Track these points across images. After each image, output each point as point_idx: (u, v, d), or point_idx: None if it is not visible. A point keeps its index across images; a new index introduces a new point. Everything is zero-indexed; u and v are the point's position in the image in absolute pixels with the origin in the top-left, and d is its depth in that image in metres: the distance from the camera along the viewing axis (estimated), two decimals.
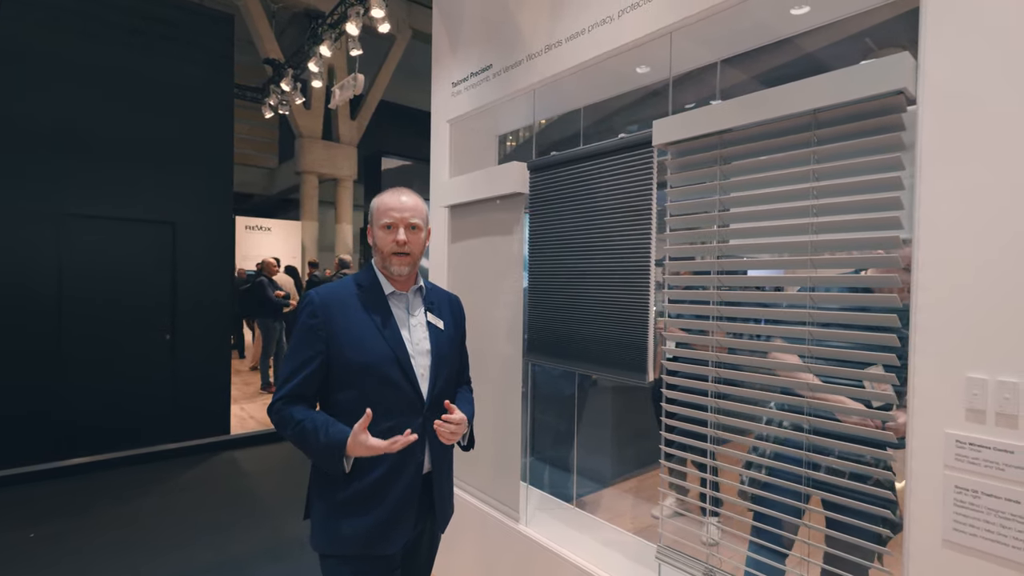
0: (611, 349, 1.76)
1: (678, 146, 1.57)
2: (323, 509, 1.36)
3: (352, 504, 1.33)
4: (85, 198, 4.12)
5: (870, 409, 1.24)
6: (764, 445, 1.49)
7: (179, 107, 4.54)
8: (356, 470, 1.33)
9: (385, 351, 1.36)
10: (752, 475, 1.46)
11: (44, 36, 3.96)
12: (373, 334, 1.36)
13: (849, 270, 1.50)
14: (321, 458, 1.30)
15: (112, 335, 4.23)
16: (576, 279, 1.90)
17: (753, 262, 1.51)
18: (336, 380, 1.36)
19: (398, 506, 1.36)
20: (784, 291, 1.46)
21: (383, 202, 1.42)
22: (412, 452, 1.37)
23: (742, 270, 1.51)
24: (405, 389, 1.37)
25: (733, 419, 1.48)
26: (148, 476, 4.06)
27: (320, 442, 1.27)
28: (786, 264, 1.37)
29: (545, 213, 2.05)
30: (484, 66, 2.39)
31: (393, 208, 1.40)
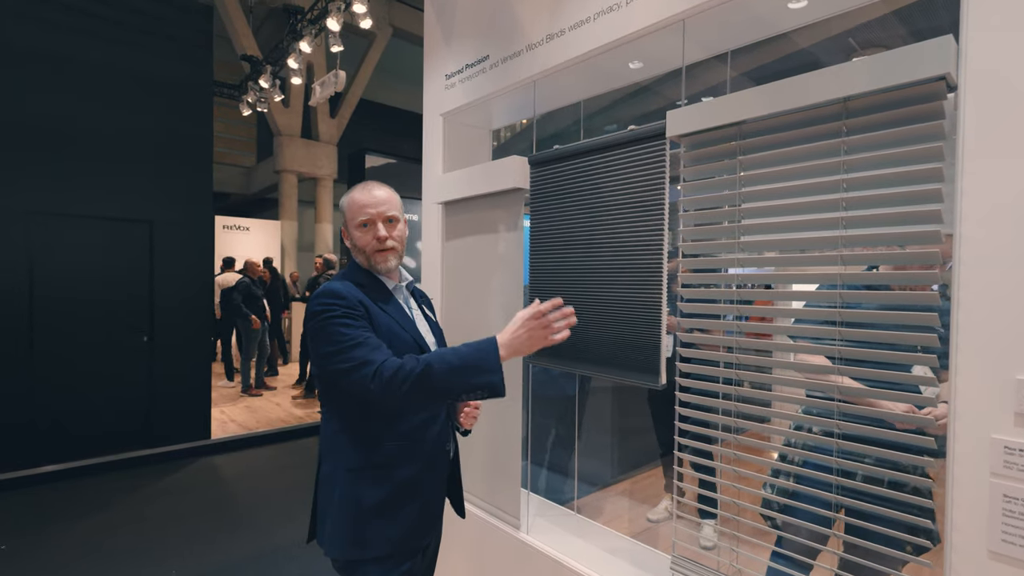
0: (620, 350, 1.69)
1: (693, 138, 1.50)
2: (355, 515, 1.27)
3: (395, 501, 1.29)
4: (57, 195, 3.90)
5: (908, 414, 1.19)
6: (791, 452, 1.43)
7: (156, 101, 4.35)
8: (396, 465, 1.29)
9: (411, 343, 1.33)
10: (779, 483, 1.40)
11: (13, 26, 3.74)
12: (397, 327, 1.33)
13: (863, 267, 1.45)
14: (473, 371, 1.15)
15: (87, 337, 4.03)
16: (581, 278, 1.82)
17: (774, 259, 1.45)
18: None
19: (434, 495, 1.39)
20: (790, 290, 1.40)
21: (355, 200, 1.36)
22: (443, 441, 1.40)
23: (763, 267, 1.45)
24: None
25: (753, 423, 1.42)
26: (125, 483, 3.87)
27: (465, 354, 1.16)
28: (812, 261, 1.31)
29: (547, 209, 1.97)
30: (480, 57, 2.30)
31: (367, 204, 1.34)
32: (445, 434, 1.41)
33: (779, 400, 1.47)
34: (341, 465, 1.30)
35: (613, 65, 1.90)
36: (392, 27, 11.26)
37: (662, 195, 1.58)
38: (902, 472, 1.18)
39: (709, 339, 1.51)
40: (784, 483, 1.41)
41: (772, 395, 1.40)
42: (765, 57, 4.12)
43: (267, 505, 3.58)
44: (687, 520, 1.66)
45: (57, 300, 3.89)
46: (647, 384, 1.61)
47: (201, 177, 4.60)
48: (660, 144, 1.58)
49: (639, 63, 1.91)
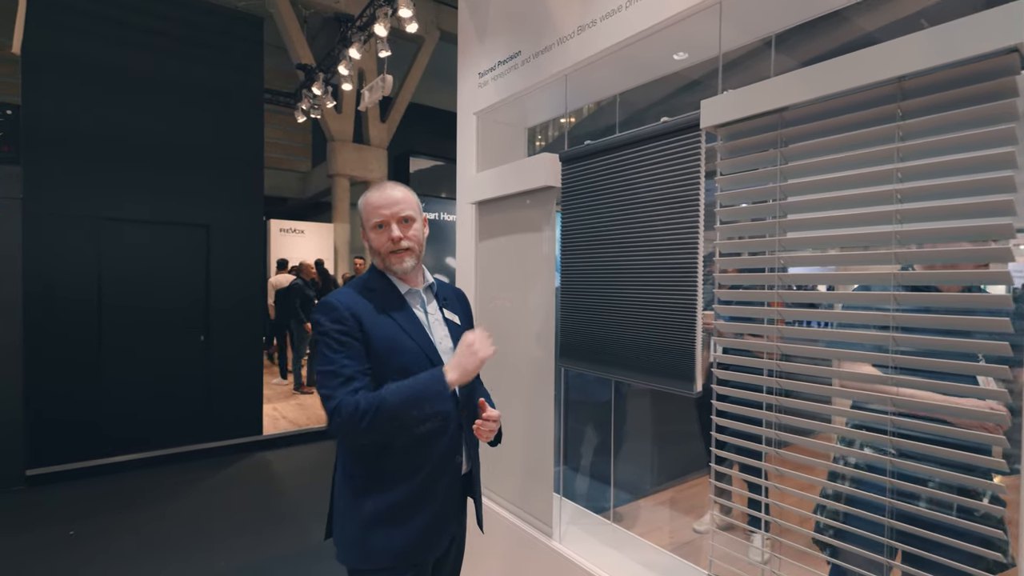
0: (653, 355, 1.60)
1: (730, 128, 1.40)
2: (361, 523, 1.27)
3: (397, 512, 1.27)
4: (121, 201, 4.16)
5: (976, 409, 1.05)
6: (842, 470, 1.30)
7: (210, 110, 4.57)
8: (398, 476, 1.27)
9: (416, 352, 1.31)
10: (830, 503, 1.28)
11: (78, 43, 4.03)
12: (401, 336, 1.31)
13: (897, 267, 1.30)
14: (422, 404, 1.19)
15: (149, 336, 4.28)
16: (613, 278, 1.75)
17: (820, 257, 1.33)
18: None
19: (442, 509, 1.32)
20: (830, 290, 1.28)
21: (369, 201, 1.35)
22: (451, 454, 1.34)
23: (807, 266, 1.33)
24: None
25: (795, 436, 1.30)
26: (183, 475, 4.08)
27: (413, 388, 1.19)
28: (862, 260, 1.19)
29: (578, 208, 1.90)
30: (512, 53, 2.25)
31: (381, 205, 1.33)
32: (455, 447, 1.35)
33: (826, 412, 1.35)
34: (346, 472, 1.30)
35: (649, 55, 1.81)
36: (440, 30, 11.40)
37: (697, 191, 1.48)
38: (968, 494, 1.05)
39: (747, 344, 1.40)
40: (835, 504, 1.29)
41: (819, 407, 1.28)
42: (824, 45, 3.87)
43: (312, 503, 3.68)
44: (725, 535, 1.55)
45: (122, 301, 4.16)
46: (680, 391, 1.51)
47: (253, 182, 4.79)
48: (695, 136, 1.48)
49: (684, 54, 1.81)
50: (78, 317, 3.99)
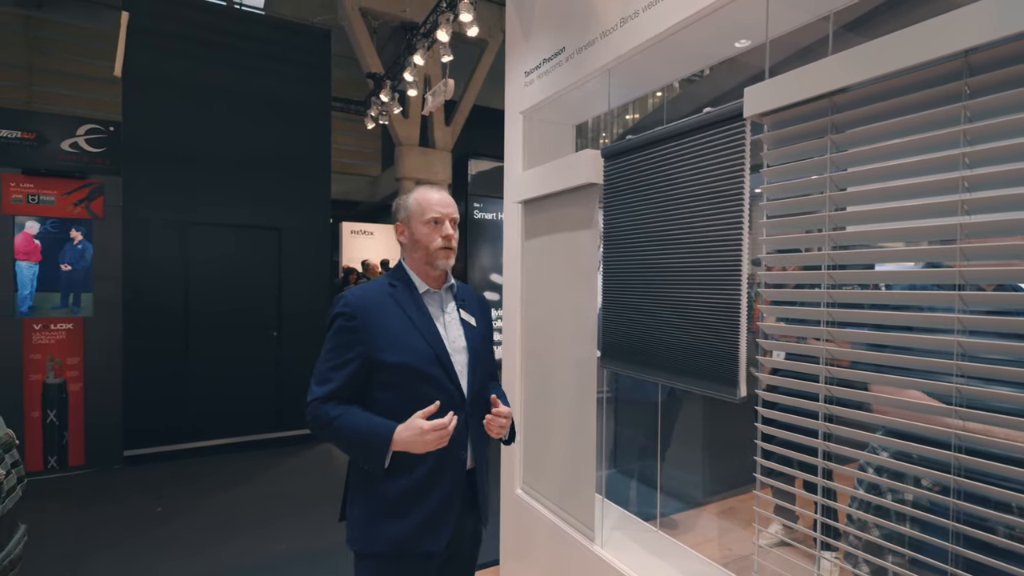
0: (695, 358, 1.52)
1: (776, 116, 1.31)
2: (365, 509, 1.33)
3: (397, 502, 1.30)
4: (203, 207, 4.53)
5: None
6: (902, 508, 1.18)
7: (283, 120, 4.87)
8: (401, 468, 1.30)
9: (425, 349, 1.34)
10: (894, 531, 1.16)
11: (167, 63, 4.42)
12: (412, 333, 1.34)
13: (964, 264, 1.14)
14: (362, 450, 1.28)
15: (228, 333, 4.62)
16: (654, 278, 1.68)
17: (878, 253, 1.21)
18: (376, 380, 1.33)
19: (442, 503, 1.34)
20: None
21: (426, 197, 1.41)
22: (455, 449, 1.35)
23: (864, 264, 1.22)
24: (446, 386, 1.35)
25: (850, 449, 1.19)
26: (257, 462, 4.38)
27: (363, 432, 1.26)
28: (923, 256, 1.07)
29: (620, 205, 1.84)
30: (556, 50, 2.23)
31: (441, 203, 1.40)
32: (460, 442, 1.37)
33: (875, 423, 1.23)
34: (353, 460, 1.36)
35: (694, 43, 1.73)
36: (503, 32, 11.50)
37: (741, 184, 1.40)
38: None
39: (795, 347, 1.30)
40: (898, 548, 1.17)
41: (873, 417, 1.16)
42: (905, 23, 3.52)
43: None
44: (773, 537, 1.45)
45: (204, 299, 4.52)
46: (723, 396, 1.43)
47: (321, 187, 5.05)
48: (738, 127, 1.40)
49: (746, 41, 1.72)
50: (168, 314, 4.38)
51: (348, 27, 10.68)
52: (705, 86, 5.10)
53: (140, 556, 2.90)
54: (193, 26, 4.54)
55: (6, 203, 3.75)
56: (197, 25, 4.56)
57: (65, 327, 3.89)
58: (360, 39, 10.79)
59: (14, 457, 1.35)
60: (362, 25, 10.83)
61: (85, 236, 3.95)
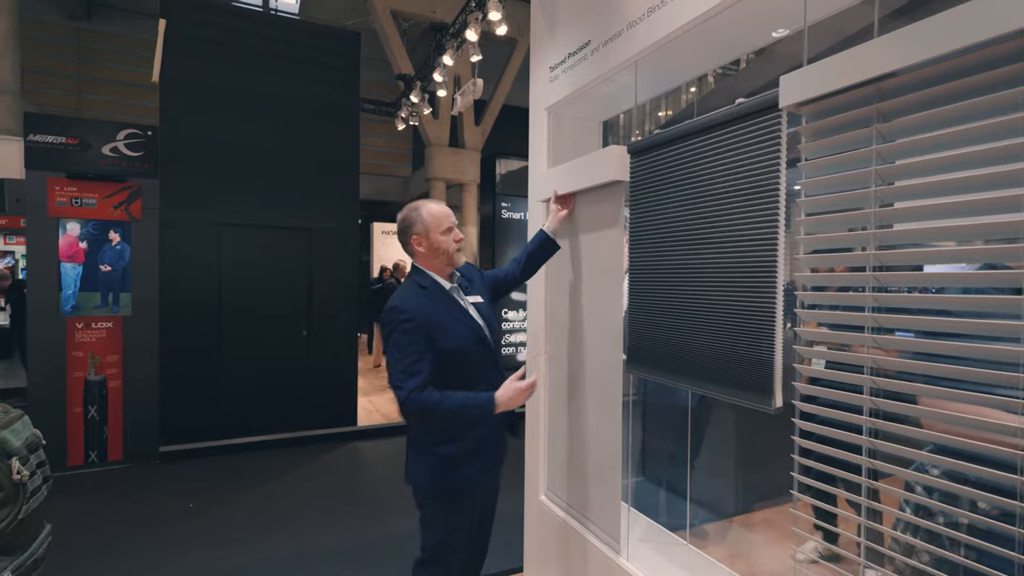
0: (727, 365, 1.44)
1: (816, 106, 1.21)
2: (443, 459, 1.67)
3: (471, 451, 1.69)
4: (236, 208, 4.62)
5: None
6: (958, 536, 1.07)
7: (312, 121, 4.93)
8: (464, 428, 1.67)
9: (469, 333, 1.71)
10: None
11: (201, 68, 4.53)
12: (456, 323, 1.69)
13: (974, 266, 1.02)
14: (474, 414, 1.62)
15: (260, 333, 4.71)
16: (683, 279, 1.60)
17: (931, 252, 1.10)
18: (441, 365, 1.61)
19: (497, 447, 1.81)
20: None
21: (436, 212, 1.74)
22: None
23: (913, 265, 1.12)
24: (488, 358, 1.76)
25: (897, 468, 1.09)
26: (286, 460, 4.44)
27: (469, 406, 1.59)
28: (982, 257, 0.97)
29: (647, 202, 1.77)
30: (582, 44, 2.16)
31: (447, 215, 1.76)
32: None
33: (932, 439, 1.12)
34: (426, 427, 1.69)
35: (726, 32, 1.64)
36: None
37: (776, 180, 1.30)
38: None
39: (837, 356, 1.20)
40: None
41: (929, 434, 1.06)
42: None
43: (395, 494, 3.83)
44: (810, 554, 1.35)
45: (237, 299, 4.61)
46: (757, 406, 1.34)
47: (350, 188, 5.10)
48: (773, 118, 1.31)
49: (783, 30, 1.62)
50: (203, 313, 4.49)
51: (379, 29, 10.80)
52: (741, 79, 4.92)
53: (173, 549, 2.96)
54: (227, 31, 4.64)
55: (51, 206, 3.91)
56: (231, 30, 4.66)
57: (105, 326, 4.03)
58: (391, 41, 10.89)
59: (40, 458, 1.37)
60: (393, 27, 10.93)
61: (123, 238, 4.08)
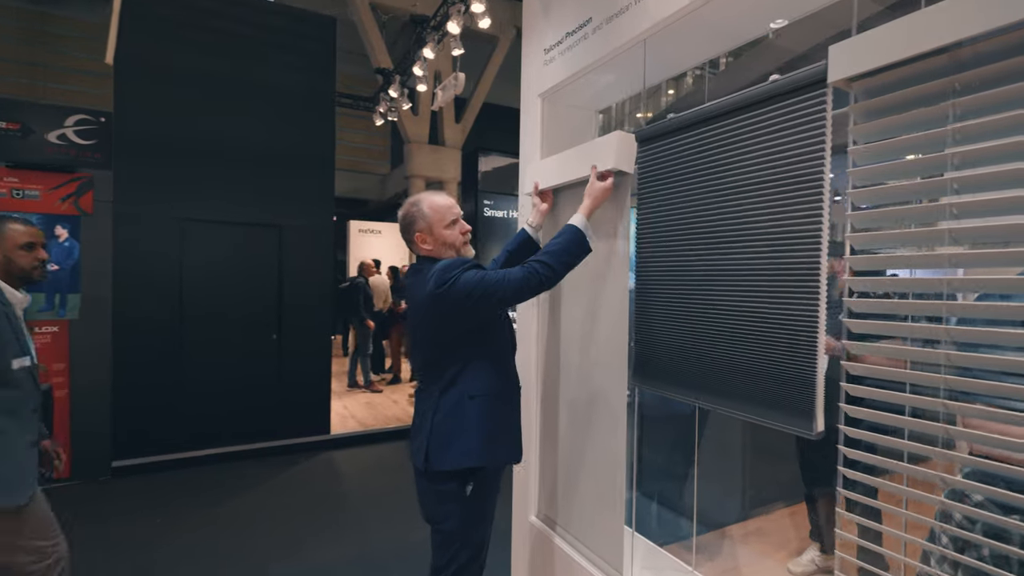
0: (757, 381, 1.25)
1: (872, 81, 1.03)
2: (481, 431, 1.56)
3: (507, 423, 1.65)
4: (200, 203, 4.30)
5: None
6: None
7: (284, 112, 4.64)
8: (506, 393, 1.65)
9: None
10: None
11: (161, 51, 4.20)
12: None
13: None
14: (576, 250, 1.58)
15: (226, 336, 4.39)
16: (701, 283, 1.41)
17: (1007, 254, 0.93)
18: (473, 338, 1.59)
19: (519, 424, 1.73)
20: None
21: (438, 204, 1.62)
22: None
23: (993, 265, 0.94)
24: (512, 337, 1.75)
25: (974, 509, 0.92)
26: (251, 472, 4.14)
27: (563, 241, 1.57)
28: None
29: (658, 196, 1.57)
30: (581, 22, 1.96)
31: (450, 206, 1.63)
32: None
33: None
34: (466, 395, 1.56)
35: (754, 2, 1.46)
36: (515, 28, 11.23)
37: (820, 168, 1.12)
38: None
39: (895, 374, 1.03)
40: None
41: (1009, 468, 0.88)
42: None
43: (373, 507, 3.58)
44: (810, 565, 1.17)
45: (201, 300, 4.29)
46: (794, 430, 1.16)
47: (324, 183, 4.82)
48: (818, 96, 1.12)
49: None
50: (161, 316, 4.16)
51: (357, 21, 10.48)
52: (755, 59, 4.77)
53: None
54: (193, 11, 4.32)
55: None
56: (197, 10, 4.33)
57: (50, 330, 3.67)
58: (370, 33, 10.57)
59: None
60: (371, 19, 10.62)
61: (71, 234, 3.73)
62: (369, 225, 12.15)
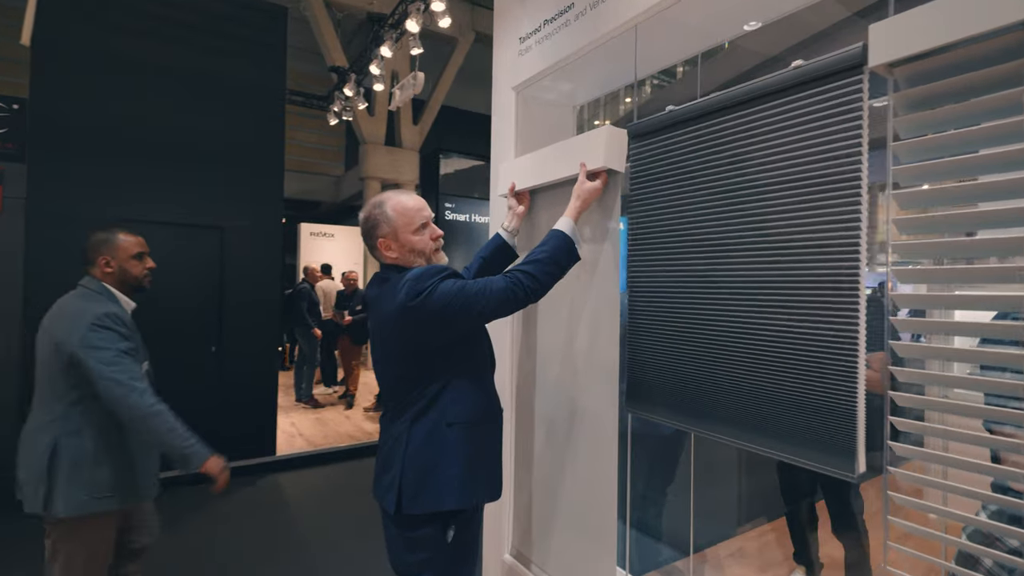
0: (780, 412, 1.09)
1: (922, 64, 0.89)
2: (462, 465, 1.35)
3: (488, 454, 1.42)
4: (130, 202, 3.87)
5: None
6: None
7: (229, 105, 4.26)
8: (488, 416, 1.44)
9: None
10: None
11: (88, 33, 3.76)
12: None
13: None
14: (564, 257, 1.39)
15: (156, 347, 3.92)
16: (710, 296, 1.24)
17: None
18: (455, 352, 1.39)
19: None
20: None
21: (404, 206, 1.41)
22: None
23: None
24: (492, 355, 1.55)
25: None
26: (183, 503, 3.73)
27: (552, 242, 1.38)
28: None
29: (655, 198, 1.40)
30: (563, 8, 1.78)
31: (419, 208, 1.43)
32: None
33: None
34: (444, 422, 1.35)
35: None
36: (475, 32, 11.07)
37: (857, 167, 0.97)
38: None
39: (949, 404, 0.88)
40: None
41: None
42: None
43: (326, 540, 3.26)
44: None
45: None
46: (832, 471, 1.00)
47: (272, 181, 4.46)
48: (852, 84, 0.97)
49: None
50: None
51: (311, 17, 10.06)
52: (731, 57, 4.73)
53: None
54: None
55: None
56: None
57: None
58: (323, 30, 10.17)
59: None
60: (326, 15, 10.22)
61: None
62: (321, 228, 11.64)
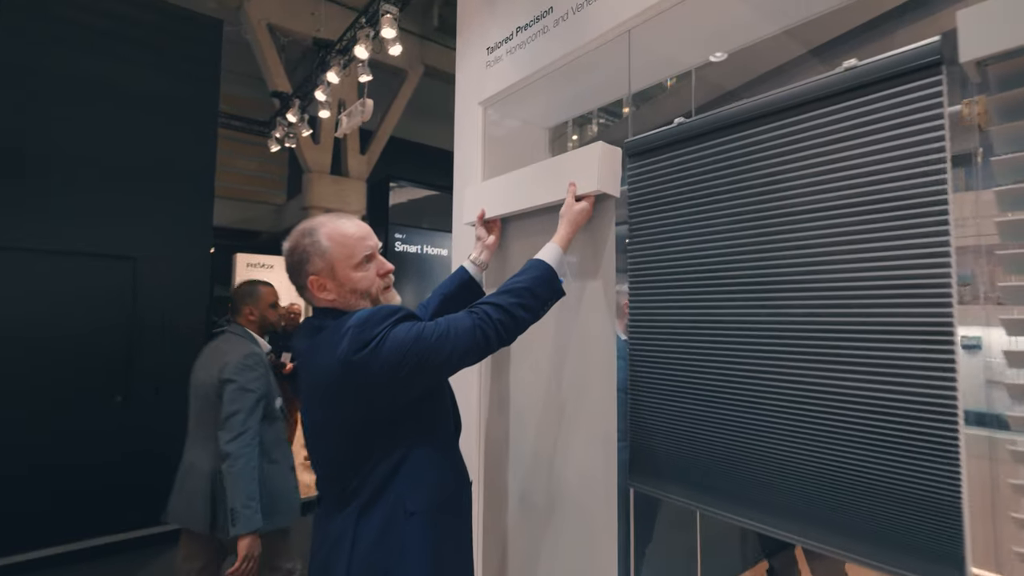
0: (850, 500, 0.84)
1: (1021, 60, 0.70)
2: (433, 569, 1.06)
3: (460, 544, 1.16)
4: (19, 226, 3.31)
5: None
6: None
7: (151, 122, 3.81)
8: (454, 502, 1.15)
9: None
10: None
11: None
12: None
13: None
14: (544, 288, 1.15)
15: (47, 399, 3.33)
16: (741, 347, 1.00)
17: None
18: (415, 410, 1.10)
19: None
20: None
21: (347, 232, 1.13)
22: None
23: None
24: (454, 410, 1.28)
25: None
26: None
27: (530, 272, 1.15)
28: None
29: (663, 227, 1.17)
30: (539, 13, 1.57)
31: (364, 235, 1.15)
32: None
33: None
34: (404, 511, 1.07)
35: None
36: (424, 65, 10.99)
37: (941, 184, 0.77)
38: None
39: None
40: None
41: None
42: None
43: None
44: None
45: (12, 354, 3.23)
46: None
47: (199, 208, 4.00)
48: (932, 83, 0.78)
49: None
50: None
51: (253, 41, 9.65)
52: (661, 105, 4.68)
53: None
54: None
55: None
56: None
57: None
58: (266, 54, 9.75)
59: None
60: (269, 40, 9.83)
61: None
62: (259, 259, 10.92)
